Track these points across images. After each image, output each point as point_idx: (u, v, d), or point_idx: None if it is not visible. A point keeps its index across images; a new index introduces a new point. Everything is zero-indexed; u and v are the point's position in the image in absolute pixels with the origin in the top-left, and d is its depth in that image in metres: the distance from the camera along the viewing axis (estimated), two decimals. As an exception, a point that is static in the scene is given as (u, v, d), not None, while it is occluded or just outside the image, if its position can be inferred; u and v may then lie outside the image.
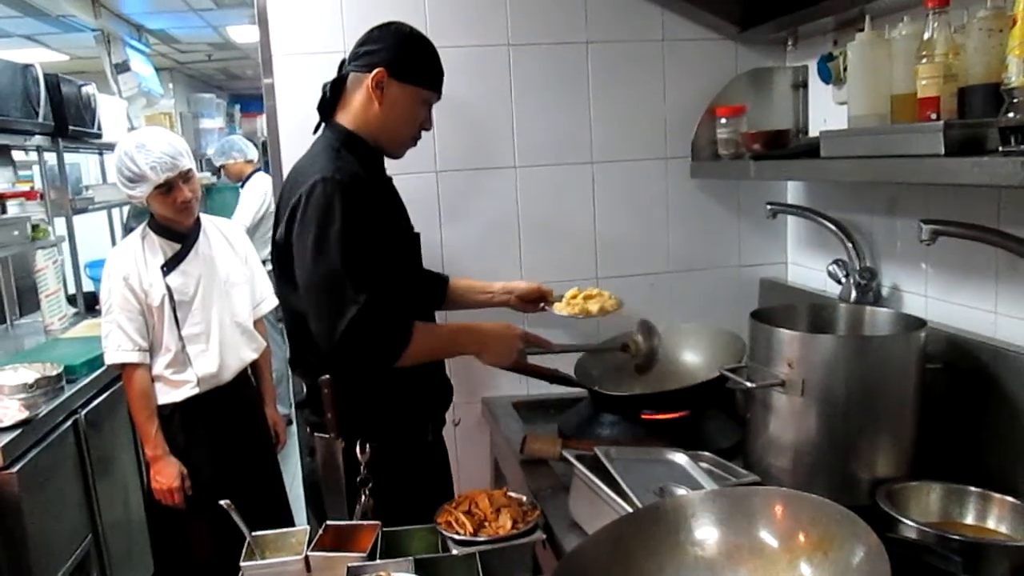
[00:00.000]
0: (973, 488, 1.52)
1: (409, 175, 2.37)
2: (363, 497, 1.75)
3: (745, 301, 2.51)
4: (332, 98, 1.84)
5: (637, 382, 2.22)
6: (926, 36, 1.50)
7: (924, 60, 1.50)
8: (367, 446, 1.76)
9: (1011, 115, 1.27)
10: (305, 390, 1.89)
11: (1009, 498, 1.48)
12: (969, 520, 1.51)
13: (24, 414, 2.46)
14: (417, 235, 1.98)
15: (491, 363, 1.93)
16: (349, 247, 1.68)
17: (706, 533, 1.25)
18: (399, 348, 1.73)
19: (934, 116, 1.47)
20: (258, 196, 5.19)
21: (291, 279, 1.77)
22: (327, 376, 1.77)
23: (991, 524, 1.49)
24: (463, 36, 2.36)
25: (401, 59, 1.78)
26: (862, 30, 1.77)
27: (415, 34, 1.83)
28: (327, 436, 1.80)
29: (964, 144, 1.36)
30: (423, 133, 1.92)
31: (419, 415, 1.94)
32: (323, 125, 1.87)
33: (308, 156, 1.83)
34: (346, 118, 1.83)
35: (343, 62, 1.85)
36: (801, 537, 1.17)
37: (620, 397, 2.09)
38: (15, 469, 2.33)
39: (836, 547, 1.12)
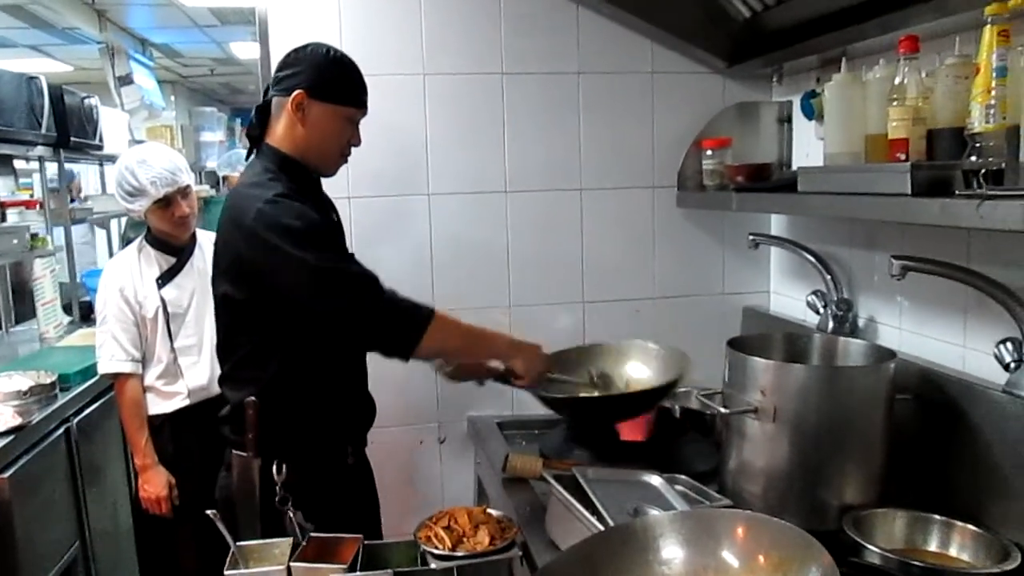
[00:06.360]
0: (937, 516, 1.57)
1: (402, 197, 2.44)
2: (290, 513, 1.76)
3: (728, 329, 2.56)
4: (260, 123, 1.87)
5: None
6: (897, 80, 1.56)
7: (895, 103, 1.56)
8: (283, 466, 1.79)
9: (973, 159, 1.34)
10: (229, 408, 1.90)
11: (971, 527, 1.53)
12: (932, 547, 1.56)
13: (17, 421, 2.49)
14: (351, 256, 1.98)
15: (522, 371, 1.89)
16: (330, 238, 1.77)
17: (672, 553, 1.30)
18: (424, 322, 1.73)
19: (903, 157, 1.53)
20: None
21: (228, 303, 1.81)
22: (252, 397, 1.81)
23: (953, 552, 1.54)
24: (458, 64, 2.43)
25: (319, 80, 1.80)
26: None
27: (333, 55, 1.83)
28: (244, 455, 1.84)
29: (931, 185, 1.42)
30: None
31: (338, 437, 1.94)
32: (256, 150, 1.90)
33: (247, 181, 1.84)
34: (275, 141, 1.85)
35: (267, 88, 1.88)
36: (761, 559, 1.22)
37: (571, 400, 2.09)
38: (6, 475, 2.36)
39: (794, 569, 1.17)
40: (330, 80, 1.82)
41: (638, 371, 2.24)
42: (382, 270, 1.71)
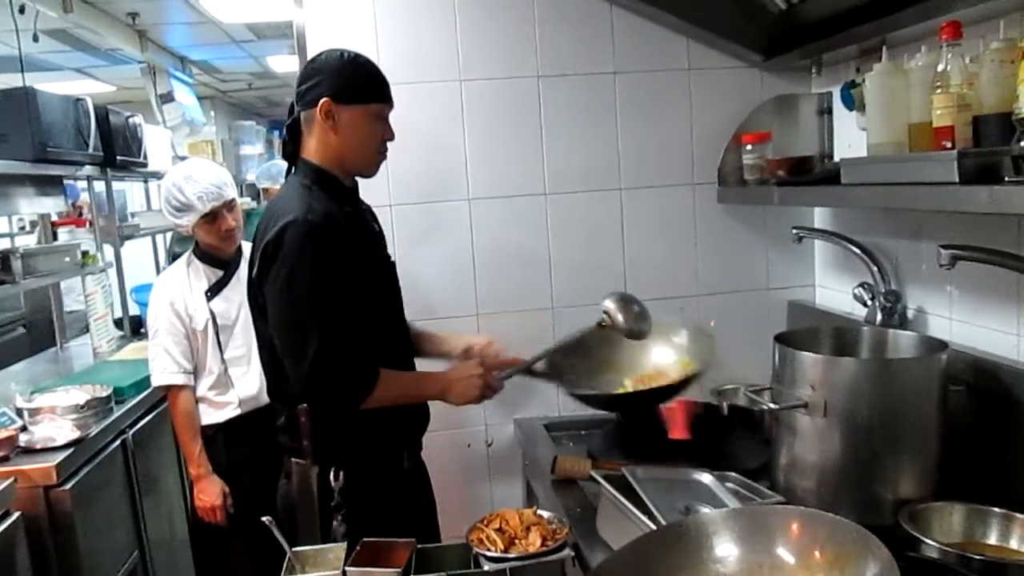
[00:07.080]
0: (996, 509, 1.54)
1: (443, 203, 2.46)
2: (335, 523, 1.80)
3: (774, 324, 2.54)
4: (292, 141, 1.89)
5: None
6: (940, 68, 1.54)
7: (939, 90, 1.54)
8: (340, 473, 1.82)
9: (1022, 144, 1.31)
10: (284, 417, 1.92)
11: (1032, 518, 1.50)
12: (992, 540, 1.53)
13: (76, 434, 2.55)
14: (392, 263, 2.02)
15: (459, 403, 1.90)
16: (316, 290, 1.74)
17: (727, 550, 1.30)
18: (363, 392, 1.78)
19: (949, 145, 1.51)
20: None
21: (265, 316, 1.84)
22: (304, 405, 1.84)
23: (1014, 544, 1.51)
24: (494, 69, 2.44)
25: (342, 84, 1.81)
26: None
27: (348, 56, 1.84)
28: (303, 462, 1.88)
29: (978, 172, 1.39)
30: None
31: (393, 443, 1.96)
32: (293, 167, 1.92)
33: (281, 195, 1.88)
34: (310, 155, 1.87)
35: (292, 106, 1.89)
36: (817, 554, 1.21)
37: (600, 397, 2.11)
38: (68, 486, 2.42)
39: (852, 564, 1.16)
40: (353, 82, 1.83)
41: (664, 355, 2.20)
42: (424, 276, 1.72)
